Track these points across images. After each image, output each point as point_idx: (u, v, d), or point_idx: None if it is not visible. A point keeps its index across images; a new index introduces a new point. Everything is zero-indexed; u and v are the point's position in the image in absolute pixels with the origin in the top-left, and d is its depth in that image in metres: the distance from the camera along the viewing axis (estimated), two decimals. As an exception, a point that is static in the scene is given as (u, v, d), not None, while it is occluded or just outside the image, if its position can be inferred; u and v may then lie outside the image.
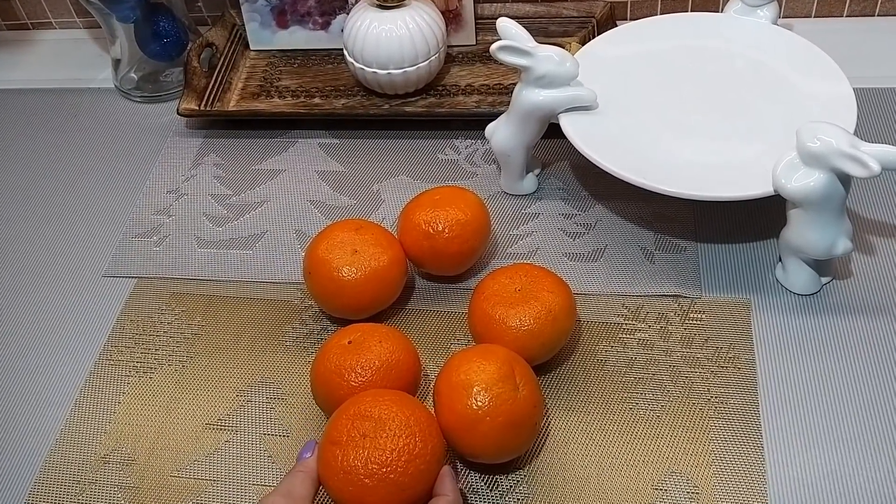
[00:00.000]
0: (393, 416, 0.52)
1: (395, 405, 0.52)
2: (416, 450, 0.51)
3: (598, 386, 0.62)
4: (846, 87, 0.70)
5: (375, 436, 0.51)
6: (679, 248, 0.70)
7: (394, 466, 0.50)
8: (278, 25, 0.92)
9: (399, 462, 0.50)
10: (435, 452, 0.52)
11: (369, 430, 0.51)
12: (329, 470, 0.51)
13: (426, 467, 0.51)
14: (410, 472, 0.50)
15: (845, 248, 0.62)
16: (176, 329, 0.70)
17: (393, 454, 0.50)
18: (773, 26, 0.77)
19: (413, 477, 0.50)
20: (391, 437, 0.51)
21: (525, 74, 0.68)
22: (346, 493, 0.50)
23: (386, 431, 0.51)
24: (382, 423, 0.51)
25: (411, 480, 0.50)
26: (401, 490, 0.50)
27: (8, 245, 0.79)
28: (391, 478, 0.50)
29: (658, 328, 0.65)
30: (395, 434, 0.51)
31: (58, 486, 0.61)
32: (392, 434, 0.51)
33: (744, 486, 0.56)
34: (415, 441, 0.51)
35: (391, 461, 0.50)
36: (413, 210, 0.68)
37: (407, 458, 0.50)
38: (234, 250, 0.75)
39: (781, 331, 0.64)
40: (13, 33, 1.05)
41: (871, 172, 0.56)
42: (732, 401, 0.60)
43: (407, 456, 0.50)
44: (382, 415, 0.52)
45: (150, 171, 0.84)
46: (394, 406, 0.52)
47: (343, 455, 0.51)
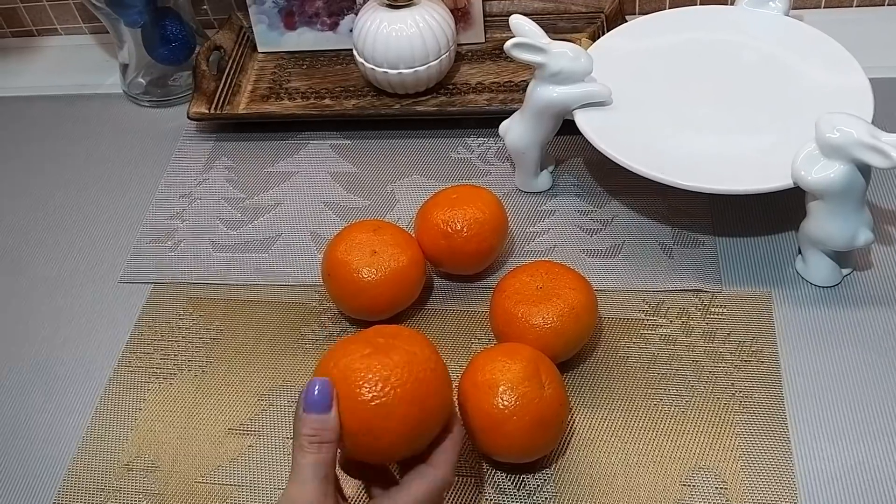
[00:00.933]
0: (395, 334, 0.50)
1: (394, 327, 0.51)
2: (426, 355, 0.49)
3: (622, 382, 0.62)
4: (861, 76, 0.70)
5: (381, 352, 0.48)
6: (697, 242, 0.70)
7: (405, 377, 0.47)
8: (286, 27, 0.92)
9: (412, 370, 0.48)
10: (440, 363, 0.50)
11: (378, 346, 0.49)
12: (349, 399, 0.47)
13: (437, 374, 0.49)
14: (423, 377, 0.48)
15: (866, 239, 0.62)
16: (194, 334, 0.69)
17: (401, 369, 0.47)
18: (785, 17, 0.77)
19: (428, 382, 0.48)
20: (396, 353, 0.48)
21: (539, 71, 0.68)
22: (358, 419, 0.47)
23: (392, 348, 0.49)
24: (388, 343, 0.49)
25: (424, 387, 0.48)
26: (413, 398, 0.47)
27: (22, 253, 0.79)
28: (405, 389, 0.47)
29: (679, 323, 0.65)
30: (398, 347, 0.49)
31: (82, 494, 0.60)
32: (397, 349, 0.49)
33: (772, 479, 0.56)
34: (421, 349, 0.49)
35: (401, 372, 0.47)
36: (430, 209, 0.67)
37: (422, 363, 0.48)
38: (249, 253, 0.75)
39: (804, 323, 0.64)
40: (19, 40, 1.05)
41: (892, 163, 0.56)
42: (757, 394, 0.60)
43: (417, 364, 0.48)
44: (385, 334, 0.50)
45: (162, 176, 0.84)
46: (393, 328, 0.51)
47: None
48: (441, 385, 0.49)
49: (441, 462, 0.49)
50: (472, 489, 0.57)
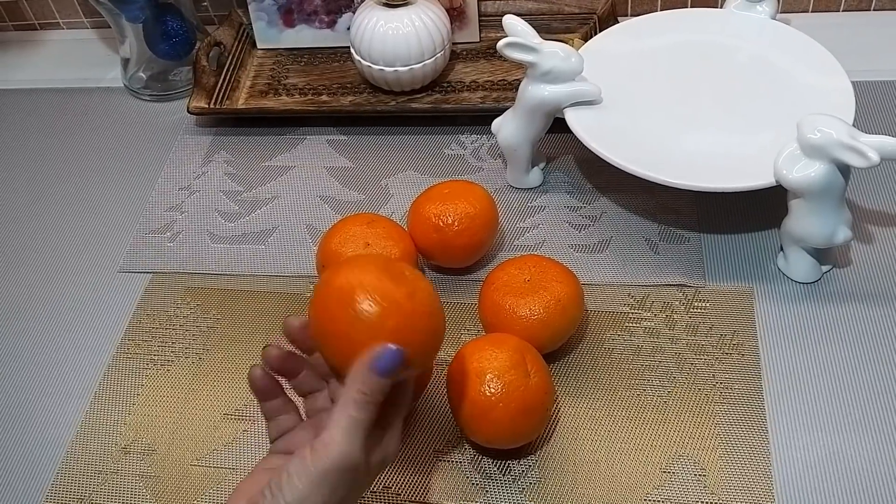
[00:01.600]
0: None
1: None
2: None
3: (606, 373, 0.64)
4: (844, 80, 0.71)
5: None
6: (683, 238, 0.72)
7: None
8: (285, 24, 0.94)
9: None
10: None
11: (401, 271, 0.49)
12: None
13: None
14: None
15: (845, 236, 0.64)
16: (191, 322, 0.71)
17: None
18: (772, 21, 0.79)
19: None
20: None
21: (531, 70, 0.70)
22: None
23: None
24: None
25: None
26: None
27: (24, 243, 0.81)
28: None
29: (664, 317, 0.67)
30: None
31: (80, 476, 0.62)
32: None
33: (749, 467, 0.58)
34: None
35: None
36: (423, 204, 0.69)
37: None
38: (246, 245, 0.77)
39: (784, 318, 0.66)
40: (21, 34, 1.07)
41: (870, 162, 0.58)
42: (737, 386, 0.62)
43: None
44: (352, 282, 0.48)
45: (162, 169, 0.86)
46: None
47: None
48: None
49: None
50: (458, 474, 0.59)
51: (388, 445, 0.48)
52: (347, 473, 0.44)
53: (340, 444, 0.44)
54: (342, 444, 0.44)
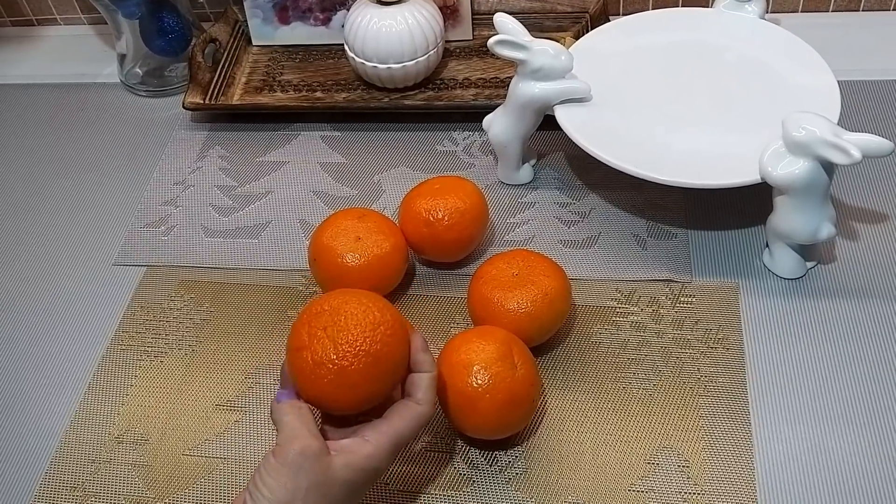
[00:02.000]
0: (344, 302, 0.53)
1: (342, 294, 0.54)
2: (377, 318, 0.52)
3: (593, 366, 0.65)
4: (830, 78, 0.72)
5: (335, 323, 0.52)
6: (670, 235, 0.73)
7: (363, 339, 0.51)
8: (280, 21, 0.94)
9: (365, 333, 0.51)
10: (395, 316, 0.53)
11: (328, 322, 0.52)
12: (304, 374, 0.52)
13: (392, 331, 0.52)
14: (379, 339, 0.51)
15: (829, 233, 0.65)
16: (185, 315, 0.72)
17: (357, 329, 0.51)
18: (760, 20, 0.80)
19: (384, 343, 0.52)
20: (349, 317, 0.52)
21: (521, 67, 0.71)
22: (327, 386, 0.51)
23: (343, 315, 0.52)
24: (336, 310, 0.52)
25: (383, 347, 0.51)
26: (376, 359, 0.51)
27: (19, 235, 0.81)
28: (364, 349, 0.51)
29: (650, 311, 0.68)
30: (352, 313, 0.52)
31: (74, 465, 0.63)
32: (349, 314, 0.52)
33: (732, 459, 0.59)
34: (373, 312, 0.52)
35: (358, 336, 0.51)
36: (414, 199, 0.70)
37: (371, 327, 0.51)
38: (240, 239, 0.78)
39: (768, 313, 0.67)
40: (18, 29, 1.07)
41: (852, 160, 0.59)
42: (721, 380, 0.63)
43: (371, 326, 0.51)
44: (334, 305, 0.53)
45: (157, 164, 0.86)
46: (342, 295, 0.54)
47: (311, 353, 0.51)
48: (395, 345, 0.52)
49: (423, 398, 0.53)
50: (446, 464, 0.60)
51: (356, 452, 0.51)
52: (309, 457, 0.49)
53: (290, 437, 0.50)
54: (291, 436, 0.50)
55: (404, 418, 0.53)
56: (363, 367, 0.51)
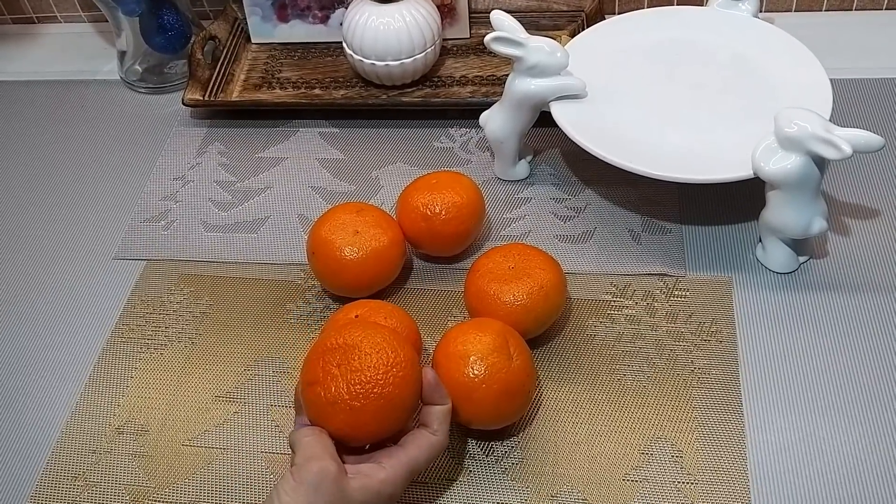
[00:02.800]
0: (360, 340, 0.54)
1: (358, 330, 0.55)
2: (391, 360, 0.53)
3: (588, 359, 0.66)
4: (822, 75, 0.73)
5: (348, 362, 0.53)
6: (664, 229, 0.74)
7: (375, 381, 0.52)
8: (279, 19, 0.95)
9: (378, 375, 0.52)
10: (408, 356, 0.54)
11: (342, 360, 0.53)
12: (317, 409, 0.53)
13: (405, 373, 0.53)
14: (392, 381, 0.52)
15: (821, 227, 0.66)
16: (185, 308, 0.73)
17: (370, 371, 0.52)
18: (754, 19, 0.81)
19: (396, 386, 0.52)
20: (363, 357, 0.53)
21: (517, 64, 0.71)
22: (339, 423, 0.53)
23: (357, 354, 0.53)
24: (350, 349, 0.53)
25: (395, 389, 0.52)
26: (388, 402, 0.52)
27: (21, 230, 0.82)
28: (376, 392, 0.52)
29: (644, 305, 0.69)
30: (366, 353, 0.53)
31: (75, 455, 0.64)
32: (363, 354, 0.53)
33: (724, 449, 0.59)
34: (386, 353, 0.53)
35: (371, 378, 0.52)
36: (411, 193, 0.71)
37: (384, 369, 0.52)
38: (239, 234, 0.79)
39: (761, 307, 0.68)
40: (19, 27, 1.08)
41: (843, 154, 0.60)
42: (714, 371, 0.64)
43: (384, 368, 0.52)
44: (348, 342, 0.54)
45: (157, 160, 0.87)
46: (357, 331, 0.54)
47: (324, 390, 0.53)
48: (407, 387, 0.54)
49: (439, 429, 0.55)
50: (443, 455, 0.61)
51: (372, 477, 0.52)
52: (327, 480, 0.50)
53: (309, 458, 0.51)
54: (313, 455, 0.51)
55: (420, 447, 0.54)
56: (375, 409, 0.52)
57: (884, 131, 0.73)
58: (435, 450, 0.55)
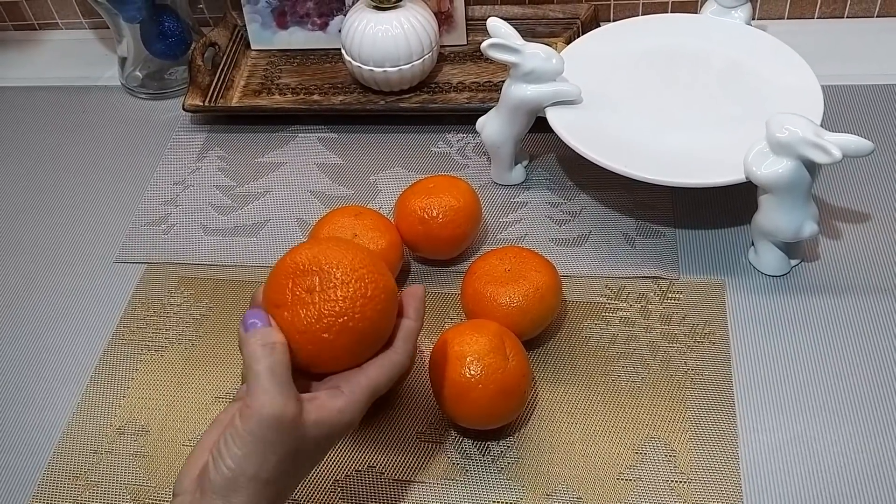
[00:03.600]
0: (336, 264, 0.49)
1: (335, 251, 0.50)
2: (369, 292, 0.48)
3: (583, 360, 0.67)
4: (813, 81, 0.75)
5: (323, 289, 0.48)
6: (658, 233, 0.75)
7: (350, 314, 0.48)
8: (278, 26, 0.96)
9: (355, 308, 0.48)
10: (387, 289, 0.50)
11: (315, 285, 0.48)
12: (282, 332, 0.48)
13: (383, 306, 0.49)
14: (368, 315, 0.48)
15: (812, 231, 0.67)
16: (185, 311, 0.74)
17: (346, 302, 0.48)
18: (746, 26, 0.82)
19: (371, 320, 0.48)
20: (340, 287, 0.48)
21: (513, 70, 0.73)
22: (305, 354, 0.48)
23: (333, 282, 0.48)
24: (327, 274, 0.48)
25: (370, 324, 0.48)
26: (362, 335, 0.48)
27: (23, 234, 0.83)
28: (350, 326, 0.48)
29: (639, 307, 0.70)
30: (343, 282, 0.48)
31: (77, 454, 0.64)
32: (340, 283, 0.48)
33: (717, 449, 0.60)
34: (365, 284, 0.48)
35: (346, 309, 0.48)
36: (409, 197, 0.72)
37: (362, 302, 0.48)
38: (238, 237, 0.80)
39: (753, 309, 0.69)
40: (21, 33, 1.09)
41: (833, 159, 0.61)
42: (707, 373, 0.65)
43: (361, 300, 0.48)
44: (324, 265, 0.49)
45: (157, 164, 0.88)
46: (334, 252, 0.49)
47: (293, 316, 0.48)
48: (382, 320, 0.49)
49: (400, 348, 0.51)
50: (439, 454, 0.62)
51: (329, 408, 0.48)
52: (278, 429, 0.45)
53: (260, 401, 0.46)
54: (262, 400, 0.46)
55: (382, 367, 0.50)
56: (347, 342, 0.48)
57: (874, 136, 0.73)
58: (396, 369, 0.51)
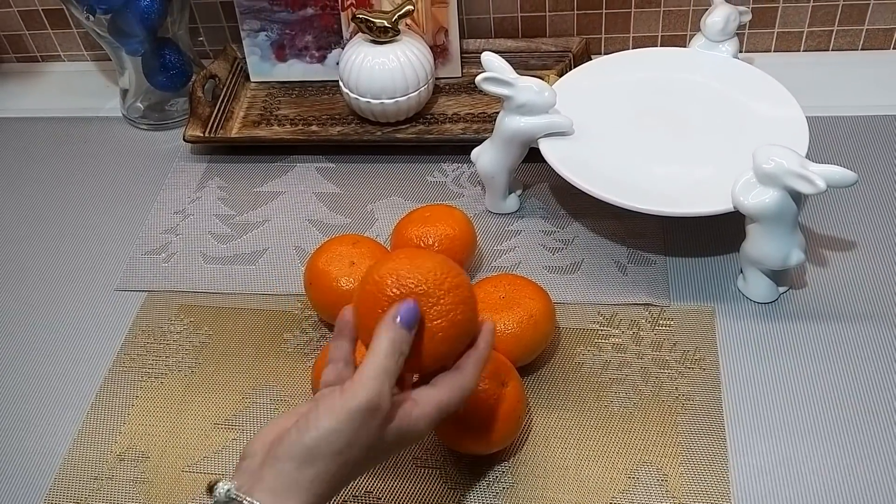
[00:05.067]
0: (440, 272, 0.52)
1: (428, 262, 0.53)
2: (467, 293, 0.53)
3: (576, 386, 0.68)
4: (799, 113, 0.77)
5: (427, 296, 0.52)
6: (650, 261, 0.77)
7: (455, 312, 0.52)
8: (277, 59, 0.99)
9: (457, 310, 0.52)
10: (474, 296, 0.54)
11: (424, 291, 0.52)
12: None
13: (474, 307, 0.54)
14: (469, 315, 0.53)
15: (798, 259, 0.69)
16: (184, 338, 0.75)
17: (452, 302, 0.52)
18: (733, 59, 0.84)
19: (470, 320, 0.53)
20: (446, 295, 0.52)
21: (507, 103, 0.74)
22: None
23: (440, 290, 0.52)
24: (433, 285, 0.52)
25: (469, 323, 0.53)
26: (460, 332, 0.52)
27: (26, 262, 0.84)
28: (457, 319, 0.52)
29: (630, 334, 0.71)
30: (449, 290, 0.52)
31: (77, 481, 0.65)
32: (446, 290, 0.52)
33: (708, 473, 0.61)
34: (463, 289, 0.53)
35: (452, 307, 0.52)
36: (405, 226, 0.73)
37: (463, 305, 0.52)
38: (237, 265, 0.81)
39: (743, 336, 0.70)
40: (24, 65, 1.11)
41: (817, 189, 0.63)
42: (698, 398, 0.66)
43: (462, 303, 0.52)
44: (427, 277, 0.52)
45: (158, 194, 0.90)
46: (429, 263, 0.53)
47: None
48: (474, 307, 0.54)
49: (470, 373, 0.53)
50: (436, 479, 0.63)
51: (408, 415, 0.50)
52: (371, 417, 0.48)
53: (367, 386, 0.48)
54: (369, 386, 0.48)
55: (452, 388, 0.52)
56: (452, 335, 0.52)
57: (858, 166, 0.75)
58: (464, 392, 0.53)
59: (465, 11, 0.98)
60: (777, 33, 0.96)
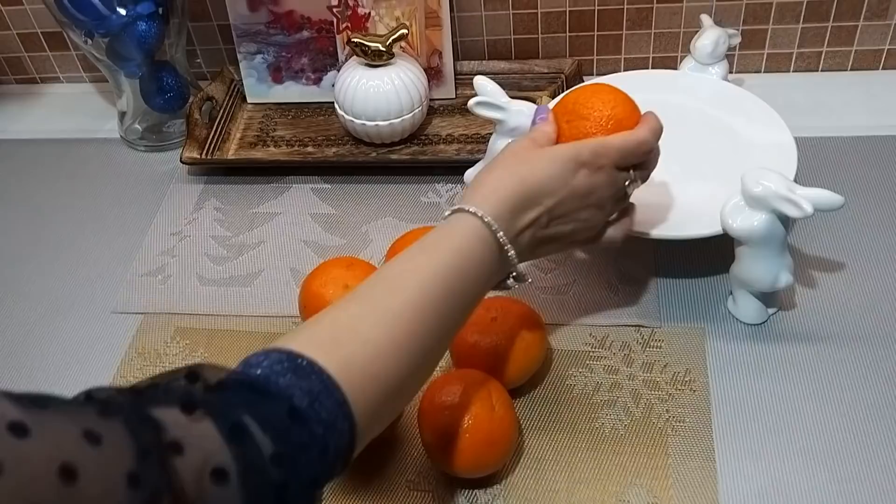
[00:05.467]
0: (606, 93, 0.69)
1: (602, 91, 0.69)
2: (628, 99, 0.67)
3: (568, 407, 0.69)
4: (788, 136, 0.78)
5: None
6: (640, 282, 0.77)
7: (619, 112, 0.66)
8: (274, 81, 1.00)
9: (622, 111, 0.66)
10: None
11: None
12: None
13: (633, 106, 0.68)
14: (630, 113, 0.67)
15: (787, 281, 0.69)
16: (181, 360, 0.75)
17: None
18: (723, 82, 0.86)
19: (632, 114, 0.67)
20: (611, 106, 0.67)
21: (499, 126, 0.75)
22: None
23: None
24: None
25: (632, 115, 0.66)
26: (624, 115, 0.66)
27: (23, 284, 0.85)
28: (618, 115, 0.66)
29: (622, 355, 0.72)
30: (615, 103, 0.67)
31: (73, 504, 0.66)
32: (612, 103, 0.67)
33: (698, 495, 0.62)
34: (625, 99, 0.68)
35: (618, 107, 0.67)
36: (400, 247, 0.74)
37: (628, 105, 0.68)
38: (233, 287, 0.82)
39: (733, 357, 0.71)
40: (23, 87, 1.12)
41: (804, 213, 0.64)
42: (688, 420, 0.67)
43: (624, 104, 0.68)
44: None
45: (155, 215, 0.91)
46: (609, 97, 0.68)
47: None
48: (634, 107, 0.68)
49: (641, 129, 0.65)
50: (429, 503, 0.63)
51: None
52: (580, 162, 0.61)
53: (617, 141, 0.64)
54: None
55: (626, 136, 0.64)
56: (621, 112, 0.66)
57: (847, 187, 0.77)
58: (637, 139, 0.64)
59: (459, 34, 0.99)
60: (767, 54, 0.97)
